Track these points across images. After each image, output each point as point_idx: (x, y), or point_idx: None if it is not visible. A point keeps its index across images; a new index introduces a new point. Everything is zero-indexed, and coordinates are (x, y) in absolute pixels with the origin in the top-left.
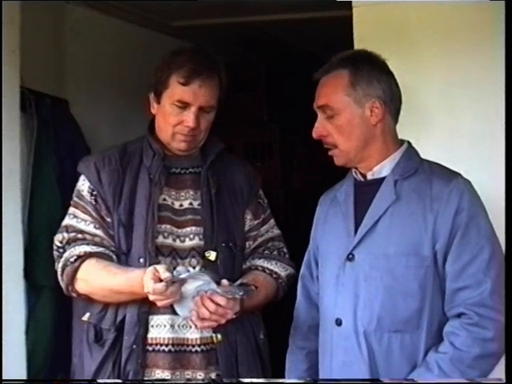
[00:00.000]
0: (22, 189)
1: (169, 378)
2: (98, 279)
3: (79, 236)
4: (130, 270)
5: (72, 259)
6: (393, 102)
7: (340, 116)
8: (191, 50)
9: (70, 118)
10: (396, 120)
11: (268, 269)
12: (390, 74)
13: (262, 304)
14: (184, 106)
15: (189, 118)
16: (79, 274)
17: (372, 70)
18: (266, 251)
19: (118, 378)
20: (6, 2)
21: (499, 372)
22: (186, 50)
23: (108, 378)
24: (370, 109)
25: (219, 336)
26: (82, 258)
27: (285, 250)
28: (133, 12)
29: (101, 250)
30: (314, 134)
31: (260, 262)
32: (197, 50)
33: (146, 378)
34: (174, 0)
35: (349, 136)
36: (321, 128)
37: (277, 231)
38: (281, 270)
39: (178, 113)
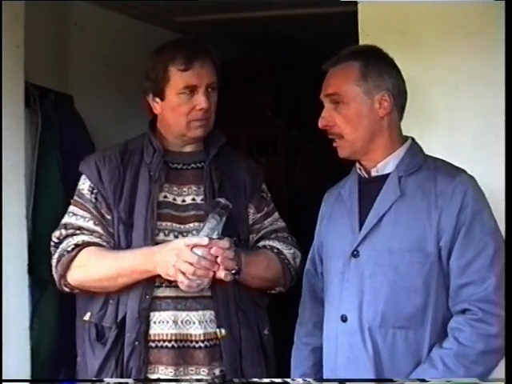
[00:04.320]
0: (26, 184)
1: (172, 374)
2: (97, 261)
3: (77, 232)
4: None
5: (69, 248)
6: (400, 98)
7: (348, 106)
8: (175, 40)
9: (75, 113)
10: (401, 116)
11: (269, 245)
12: (399, 71)
13: (265, 277)
14: (191, 90)
15: (200, 99)
16: (75, 262)
17: (383, 64)
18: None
19: (121, 376)
20: None
21: (499, 372)
22: (170, 42)
23: (111, 376)
24: (379, 101)
25: (223, 331)
26: (79, 246)
27: (289, 237)
28: (137, 7)
29: (99, 241)
30: (320, 124)
31: (261, 243)
32: (180, 39)
33: (149, 375)
34: None
35: (356, 126)
36: (328, 117)
37: (281, 224)
38: (283, 247)
39: (187, 100)
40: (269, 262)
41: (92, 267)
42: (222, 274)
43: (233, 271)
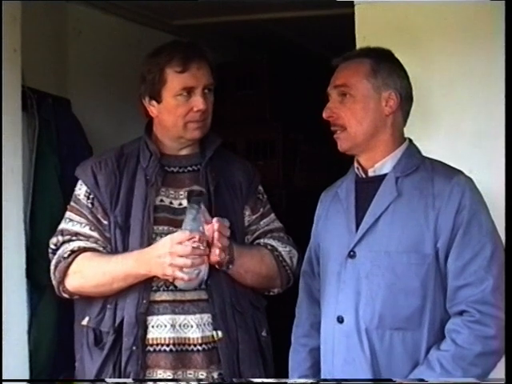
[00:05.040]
0: (24, 188)
1: (171, 377)
2: (91, 267)
3: (73, 238)
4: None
5: (65, 255)
6: (406, 101)
7: (356, 98)
8: (171, 43)
9: (72, 117)
10: (405, 120)
11: (263, 242)
12: (407, 76)
13: (259, 272)
14: (189, 91)
15: (197, 101)
16: (72, 268)
17: (393, 65)
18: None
19: None
20: (8, 1)
21: (499, 372)
22: (165, 45)
23: None
24: (386, 99)
25: (220, 333)
26: (75, 252)
27: (285, 237)
28: (134, 11)
29: (95, 246)
30: (325, 114)
31: (256, 241)
32: (176, 41)
33: (147, 379)
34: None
35: (361, 120)
36: (333, 108)
37: (278, 224)
38: (278, 244)
39: (184, 101)
40: (262, 257)
41: (87, 273)
42: (216, 252)
43: (225, 259)
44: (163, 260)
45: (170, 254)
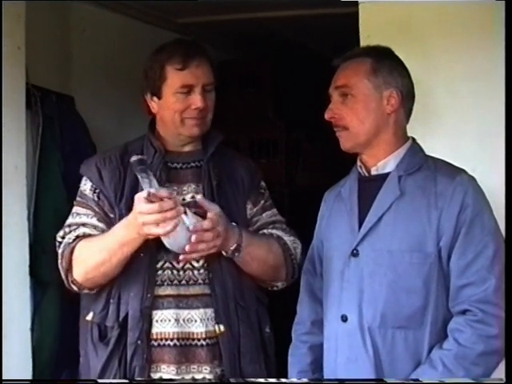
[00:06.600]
0: (28, 185)
1: (174, 372)
2: (89, 248)
3: (80, 227)
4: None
5: (70, 240)
6: (408, 99)
7: (357, 98)
8: (173, 41)
9: (76, 114)
10: (407, 118)
11: (269, 232)
12: (408, 73)
13: (266, 261)
14: (188, 89)
15: (196, 99)
16: (75, 254)
17: (394, 63)
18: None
19: (125, 375)
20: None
21: (499, 372)
22: (168, 43)
23: (114, 376)
24: (387, 98)
25: (222, 327)
26: (80, 238)
27: (288, 229)
28: (138, 9)
29: (100, 234)
30: (327, 115)
31: (260, 232)
32: (178, 39)
33: (151, 373)
34: None
35: (362, 119)
36: (335, 109)
37: (280, 217)
38: (283, 234)
39: (183, 99)
40: (270, 246)
41: (87, 256)
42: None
43: (232, 247)
44: (139, 221)
45: (139, 214)
